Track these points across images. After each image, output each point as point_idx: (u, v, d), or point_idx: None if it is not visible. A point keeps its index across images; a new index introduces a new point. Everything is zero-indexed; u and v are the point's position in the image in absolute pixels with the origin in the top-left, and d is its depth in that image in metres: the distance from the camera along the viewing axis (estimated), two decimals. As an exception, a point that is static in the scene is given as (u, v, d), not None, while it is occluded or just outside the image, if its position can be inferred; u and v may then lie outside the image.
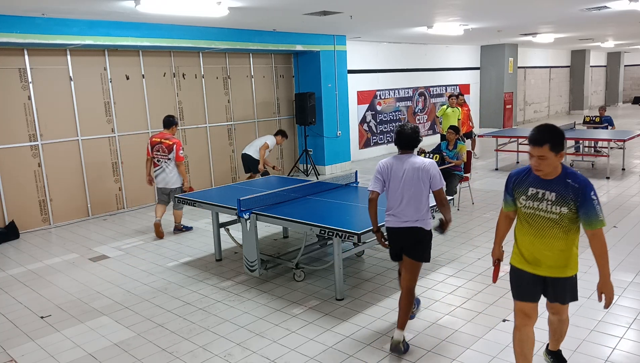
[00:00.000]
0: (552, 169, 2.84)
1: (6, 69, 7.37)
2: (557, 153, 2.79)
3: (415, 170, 3.73)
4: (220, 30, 9.07)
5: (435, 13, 8.89)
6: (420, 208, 3.78)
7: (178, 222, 7.24)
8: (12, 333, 4.40)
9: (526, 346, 3.10)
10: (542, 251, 3.00)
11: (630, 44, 20.63)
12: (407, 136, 3.80)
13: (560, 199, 2.84)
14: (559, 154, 2.79)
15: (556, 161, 2.81)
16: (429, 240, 3.89)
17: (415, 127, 3.88)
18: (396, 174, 3.78)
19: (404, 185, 3.76)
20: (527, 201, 2.97)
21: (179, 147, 6.95)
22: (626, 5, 8.54)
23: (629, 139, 9.97)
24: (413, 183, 3.73)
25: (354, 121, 12.80)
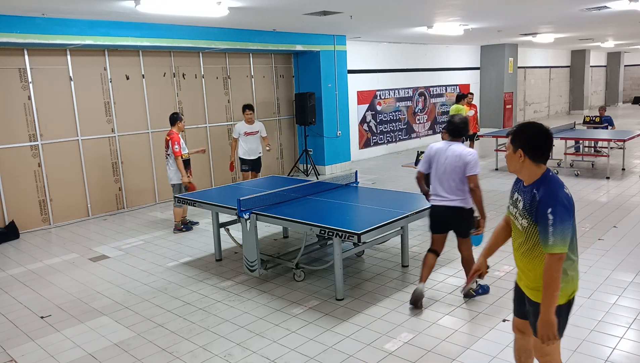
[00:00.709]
0: (519, 170, 2.59)
1: (6, 69, 7.37)
2: (515, 150, 2.55)
3: (455, 157, 4.30)
4: (220, 30, 9.07)
5: (435, 13, 8.89)
6: (457, 189, 4.31)
7: (177, 221, 7.23)
8: (12, 333, 4.40)
9: (523, 356, 2.96)
10: (517, 263, 2.76)
11: (630, 44, 20.63)
12: (455, 125, 4.43)
13: (524, 210, 2.56)
14: (517, 152, 2.54)
15: (516, 159, 2.56)
16: (469, 217, 4.41)
17: (465, 119, 4.52)
18: (440, 159, 4.36)
19: (444, 169, 4.33)
20: (509, 206, 2.76)
21: (174, 141, 6.99)
22: (626, 5, 8.54)
23: (629, 139, 9.97)
24: (451, 168, 4.29)
25: (354, 121, 12.80)
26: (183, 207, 7.22)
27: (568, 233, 2.44)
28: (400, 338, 3.97)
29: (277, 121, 11.40)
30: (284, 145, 11.66)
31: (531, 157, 2.54)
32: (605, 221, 6.86)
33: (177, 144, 7.00)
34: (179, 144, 7.03)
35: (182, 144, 7.14)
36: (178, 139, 7.05)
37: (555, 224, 2.41)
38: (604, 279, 4.93)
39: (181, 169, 7.04)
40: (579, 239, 6.04)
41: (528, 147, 2.53)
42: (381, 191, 6.50)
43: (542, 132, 2.55)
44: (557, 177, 2.60)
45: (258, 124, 8.40)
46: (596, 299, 4.51)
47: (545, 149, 2.55)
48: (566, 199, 2.48)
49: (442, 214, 4.42)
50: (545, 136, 2.55)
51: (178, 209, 7.20)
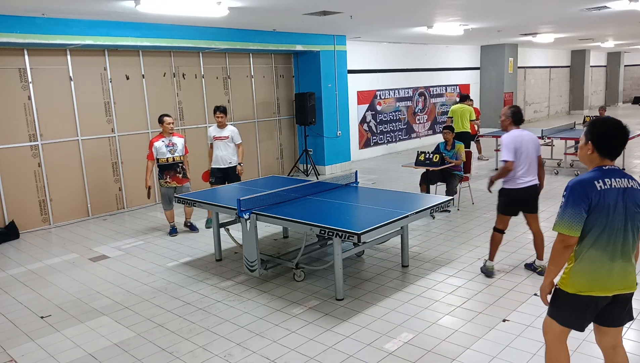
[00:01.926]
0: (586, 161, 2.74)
1: (6, 69, 7.37)
2: (586, 142, 2.69)
3: (533, 141, 4.93)
4: (220, 30, 9.07)
5: (435, 13, 8.89)
6: (535, 169, 4.95)
7: (170, 222, 7.13)
8: (12, 333, 4.40)
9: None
10: None
11: (630, 44, 20.62)
12: (520, 114, 5.00)
13: None
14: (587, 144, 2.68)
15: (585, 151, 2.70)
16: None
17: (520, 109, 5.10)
18: (528, 144, 4.86)
19: (528, 152, 4.85)
20: None
21: (149, 145, 6.97)
22: (626, 5, 8.54)
23: (629, 139, 9.95)
24: (534, 150, 4.91)
25: (354, 121, 12.80)
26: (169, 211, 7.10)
27: (576, 219, 2.55)
28: (400, 338, 3.97)
29: (277, 121, 11.40)
30: (284, 145, 11.66)
31: (599, 151, 2.64)
32: (605, 221, 6.84)
33: (150, 147, 6.90)
34: (150, 148, 6.89)
35: (161, 148, 6.85)
36: (153, 142, 6.90)
37: (563, 206, 2.60)
38: (604, 279, 4.92)
39: (145, 173, 6.99)
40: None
41: (597, 141, 2.64)
42: (381, 191, 6.50)
43: (612, 129, 2.63)
44: (606, 171, 2.63)
45: (229, 129, 7.47)
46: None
47: (612, 146, 2.63)
48: (582, 187, 2.56)
49: (532, 193, 4.95)
50: (614, 134, 2.63)
51: (167, 212, 7.10)
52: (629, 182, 2.62)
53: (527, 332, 3.96)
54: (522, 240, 6.17)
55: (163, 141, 6.90)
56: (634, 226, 2.63)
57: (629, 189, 2.60)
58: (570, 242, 2.59)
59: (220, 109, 7.43)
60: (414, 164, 7.73)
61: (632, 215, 2.61)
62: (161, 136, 6.95)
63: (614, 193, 2.57)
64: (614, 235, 2.58)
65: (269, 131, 11.25)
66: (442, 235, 6.58)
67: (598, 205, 2.56)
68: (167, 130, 6.92)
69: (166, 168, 6.92)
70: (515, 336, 3.93)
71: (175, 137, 7.03)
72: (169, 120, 6.93)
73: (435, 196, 6.12)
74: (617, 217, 2.58)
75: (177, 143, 6.98)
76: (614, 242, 2.59)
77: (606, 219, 2.57)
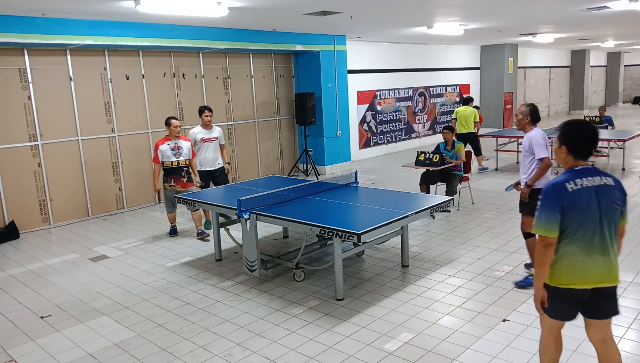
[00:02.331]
0: (562, 162, 2.93)
1: (6, 69, 7.37)
2: (560, 146, 2.87)
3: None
4: (220, 30, 9.07)
5: (435, 13, 8.89)
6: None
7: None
8: (12, 333, 4.40)
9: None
10: None
11: (630, 44, 20.62)
12: (538, 112, 4.88)
13: None
14: (561, 148, 2.86)
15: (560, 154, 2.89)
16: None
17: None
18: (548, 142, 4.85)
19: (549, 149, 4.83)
20: None
21: (155, 147, 6.86)
22: (626, 5, 8.54)
23: (629, 139, 9.97)
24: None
25: (354, 121, 12.80)
26: (172, 213, 7.00)
27: (551, 221, 2.68)
28: (400, 338, 3.97)
29: (277, 121, 11.40)
30: (284, 145, 11.66)
31: (572, 153, 2.82)
32: (605, 221, 6.84)
33: (155, 150, 6.80)
34: (155, 151, 6.78)
35: (166, 151, 6.71)
36: (158, 144, 6.77)
37: (539, 209, 2.74)
38: (604, 279, 4.92)
39: (153, 177, 6.89)
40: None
41: (570, 144, 2.80)
42: (381, 191, 6.50)
43: (583, 132, 2.81)
44: (578, 171, 2.79)
45: (217, 129, 7.41)
46: (596, 299, 4.50)
47: (584, 148, 2.82)
48: (555, 190, 2.72)
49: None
50: (585, 136, 2.81)
51: (171, 215, 7.00)
52: (601, 179, 2.76)
53: (527, 332, 3.96)
54: (522, 240, 6.16)
55: (168, 144, 6.76)
56: (609, 221, 2.75)
57: (602, 186, 2.74)
58: (549, 242, 2.71)
59: (209, 108, 7.35)
60: (414, 164, 7.73)
61: (606, 211, 2.73)
62: (167, 139, 6.81)
63: (586, 192, 2.71)
64: (589, 231, 2.71)
65: (269, 131, 11.25)
66: (442, 235, 6.58)
67: (571, 205, 2.69)
68: (174, 133, 6.78)
69: (171, 172, 6.79)
70: (515, 336, 3.93)
71: (182, 140, 6.87)
72: (176, 123, 6.80)
73: (435, 196, 6.12)
74: (591, 214, 2.71)
75: (182, 146, 6.82)
76: (590, 238, 2.71)
77: (580, 217, 2.69)
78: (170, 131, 6.82)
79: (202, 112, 7.30)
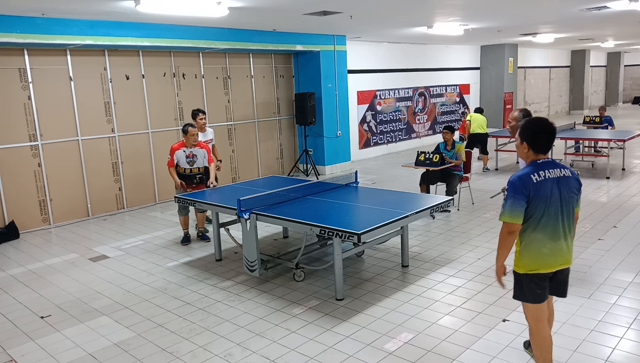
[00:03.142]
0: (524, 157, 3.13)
1: (6, 69, 7.37)
2: (521, 142, 3.08)
3: None
4: (220, 30, 9.07)
5: (435, 13, 8.89)
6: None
7: (184, 229, 6.78)
8: (12, 333, 4.40)
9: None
10: None
11: (630, 44, 20.62)
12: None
13: None
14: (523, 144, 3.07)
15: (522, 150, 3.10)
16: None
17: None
18: None
19: None
20: None
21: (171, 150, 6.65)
22: (626, 5, 8.54)
23: (629, 139, 9.97)
24: None
25: (354, 121, 12.80)
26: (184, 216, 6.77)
27: (517, 209, 2.91)
28: (400, 338, 3.97)
29: (277, 121, 11.40)
30: (284, 145, 11.66)
31: (533, 148, 3.03)
32: (605, 221, 6.86)
33: (170, 154, 6.60)
34: (171, 155, 6.55)
35: (181, 158, 6.54)
36: (174, 149, 6.57)
37: (506, 198, 2.97)
38: (604, 279, 4.93)
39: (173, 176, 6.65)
40: (579, 239, 6.06)
41: (530, 140, 3.02)
42: (381, 191, 6.50)
43: (542, 128, 3.02)
44: (540, 164, 3.00)
45: (210, 131, 7.41)
46: (596, 299, 4.51)
47: (543, 143, 3.02)
48: (521, 181, 2.93)
49: None
50: (543, 133, 3.01)
51: (183, 218, 6.72)
52: (561, 171, 3.01)
53: (527, 332, 3.94)
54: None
55: (184, 151, 6.54)
56: (568, 208, 3.02)
57: (562, 177, 3.00)
58: (513, 229, 2.95)
59: (202, 111, 7.26)
60: (414, 164, 7.73)
61: (566, 200, 3.00)
62: (183, 145, 6.56)
63: (549, 183, 2.95)
64: (553, 218, 2.96)
65: (269, 131, 11.25)
66: (442, 235, 6.58)
67: (536, 195, 2.92)
68: (191, 142, 6.52)
69: (183, 178, 6.59)
70: (515, 336, 3.93)
71: (198, 148, 6.60)
72: (193, 131, 6.51)
73: (435, 196, 6.12)
74: (554, 203, 2.96)
75: (197, 155, 6.59)
76: (554, 225, 2.96)
77: (544, 206, 2.94)
78: (186, 138, 6.53)
79: (196, 115, 7.18)
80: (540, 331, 3.12)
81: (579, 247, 5.84)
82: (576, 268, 5.21)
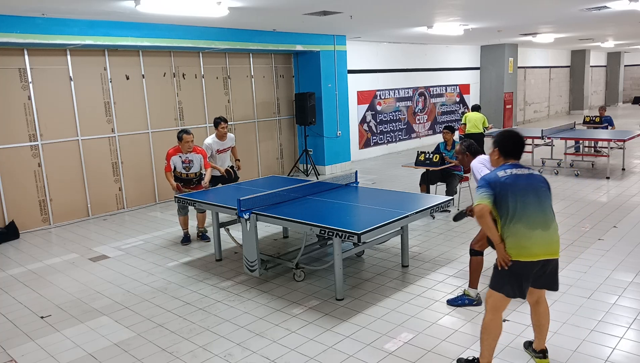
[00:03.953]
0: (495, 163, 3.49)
1: (6, 69, 7.37)
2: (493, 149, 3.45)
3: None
4: (220, 30, 9.07)
5: (435, 13, 8.89)
6: None
7: (184, 229, 6.82)
8: (12, 333, 4.40)
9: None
10: None
11: (630, 44, 20.62)
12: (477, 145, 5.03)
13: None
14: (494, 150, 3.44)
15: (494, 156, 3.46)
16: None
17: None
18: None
19: None
20: None
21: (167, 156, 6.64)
22: (626, 5, 8.53)
23: (629, 139, 9.97)
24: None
25: (354, 121, 12.80)
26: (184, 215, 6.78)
27: (484, 194, 3.19)
28: (400, 338, 3.97)
29: (277, 121, 11.40)
30: (284, 145, 11.66)
31: (503, 155, 3.38)
32: (605, 221, 6.86)
33: (167, 160, 6.58)
34: (168, 161, 6.56)
35: (177, 163, 6.56)
36: (171, 154, 6.56)
37: (477, 189, 3.31)
38: (604, 279, 4.93)
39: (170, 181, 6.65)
40: (579, 239, 6.07)
41: (500, 148, 3.39)
42: (381, 191, 6.50)
43: (511, 138, 3.37)
44: (509, 165, 3.30)
45: (230, 137, 7.41)
46: (596, 299, 4.51)
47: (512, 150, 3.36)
48: (488, 177, 3.27)
49: None
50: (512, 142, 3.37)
51: (182, 218, 6.74)
52: (528, 171, 3.29)
53: (527, 332, 3.96)
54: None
55: (180, 157, 6.57)
56: (545, 201, 3.22)
57: (530, 175, 3.26)
58: (485, 209, 3.17)
59: (225, 119, 7.27)
60: (414, 164, 7.73)
61: (540, 193, 3.21)
62: (179, 150, 6.56)
63: (516, 177, 3.21)
64: (528, 208, 3.15)
65: (269, 131, 11.25)
66: (442, 235, 6.58)
67: (505, 189, 3.17)
68: (186, 148, 6.52)
69: (180, 181, 6.66)
70: (515, 336, 3.93)
71: (193, 154, 6.62)
72: (188, 138, 6.49)
73: (435, 196, 6.12)
74: (526, 193, 3.17)
75: (193, 160, 6.61)
76: (529, 214, 3.15)
77: (515, 197, 3.15)
78: (181, 145, 6.52)
79: (218, 123, 7.19)
80: (494, 320, 3.31)
81: (579, 247, 5.85)
82: (576, 268, 5.22)
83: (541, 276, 3.25)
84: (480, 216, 3.18)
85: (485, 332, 3.33)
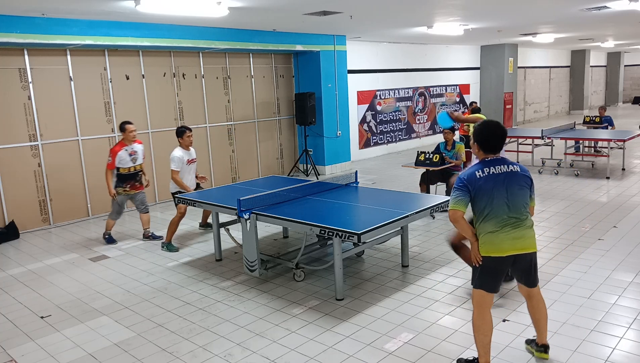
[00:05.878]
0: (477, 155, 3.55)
1: (6, 69, 7.37)
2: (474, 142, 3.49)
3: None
4: (220, 30, 9.07)
5: (435, 13, 8.89)
6: None
7: (108, 229, 6.87)
8: (12, 333, 4.40)
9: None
10: None
11: (630, 44, 20.62)
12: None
13: None
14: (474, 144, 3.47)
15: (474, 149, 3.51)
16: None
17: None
18: None
19: None
20: None
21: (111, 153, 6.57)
22: (626, 5, 8.54)
23: (629, 139, 9.97)
24: None
25: (354, 121, 12.80)
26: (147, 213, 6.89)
27: (460, 199, 3.29)
28: (400, 338, 3.97)
29: (277, 121, 11.40)
30: (284, 145, 11.66)
31: (482, 149, 3.43)
32: (605, 221, 6.86)
33: (112, 157, 6.53)
34: (113, 158, 6.51)
35: (124, 158, 6.52)
36: (116, 151, 6.53)
37: (453, 190, 3.37)
38: (604, 279, 4.93)
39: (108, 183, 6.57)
40: (579, 239, 6.07)
41: (480, 141, 3.42)
42: (381, 191, 6.50)
43: (492, 131, 3.41)
44: (488, 161, 3.37)
45: (193, 151, 6.90)
46: (596, 299, 4.51)
47: (492, 144, 3.40)
48: (467, 178, 3.32)
49: None
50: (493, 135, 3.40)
51: (112, 222, 6.83)
52: (509, 167, 3.34)
53: (527, 332, 3.96)
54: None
55: (126, 150, 6.56)
56: (519, 200, 3.30)
57: (509, 173, 3.32)
58: (456, 215, 3.31)
59: (189, 128, 6.76)
60: (414, 164, 7.73)
61: (513, 192, 3.28)
62: (123, 145, 6.57)
63: (492, 178, 3.28)
64: (498, 209, 3.26)
65: (269, 131, 11.25)
66: (442, 235, 6.58)
67: (480, 189, 3.28)
68: (130, 138, 6.59)
69: (128, 178, 6.63)
70: (515, 336, 3.93)
71: (136, 144, 6.69)
72: (131, 128, 6.60)
73: (435, 196, 6.12)
74: (497, 196, 3.26)
75: (137, 151, 6.66)
76: (498, 214, 3.26)
77: (487, 198, 3.27)
78: (126, 136, 6.59)
79: (183, 132, 6.64)
80: (480, 316, 3.38)
81: (579, 247, 5.85)
82: (576, 268, 5.22)
83: (516, 270, 3.41)
84: (454, 221, 3.34)
85: (475, 329, 3.42)
